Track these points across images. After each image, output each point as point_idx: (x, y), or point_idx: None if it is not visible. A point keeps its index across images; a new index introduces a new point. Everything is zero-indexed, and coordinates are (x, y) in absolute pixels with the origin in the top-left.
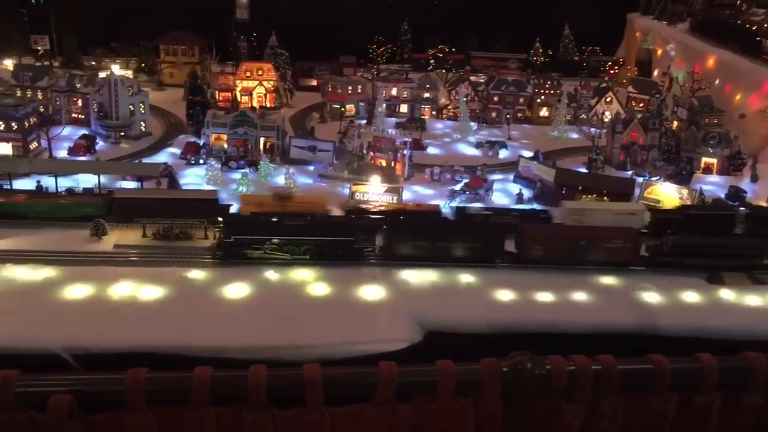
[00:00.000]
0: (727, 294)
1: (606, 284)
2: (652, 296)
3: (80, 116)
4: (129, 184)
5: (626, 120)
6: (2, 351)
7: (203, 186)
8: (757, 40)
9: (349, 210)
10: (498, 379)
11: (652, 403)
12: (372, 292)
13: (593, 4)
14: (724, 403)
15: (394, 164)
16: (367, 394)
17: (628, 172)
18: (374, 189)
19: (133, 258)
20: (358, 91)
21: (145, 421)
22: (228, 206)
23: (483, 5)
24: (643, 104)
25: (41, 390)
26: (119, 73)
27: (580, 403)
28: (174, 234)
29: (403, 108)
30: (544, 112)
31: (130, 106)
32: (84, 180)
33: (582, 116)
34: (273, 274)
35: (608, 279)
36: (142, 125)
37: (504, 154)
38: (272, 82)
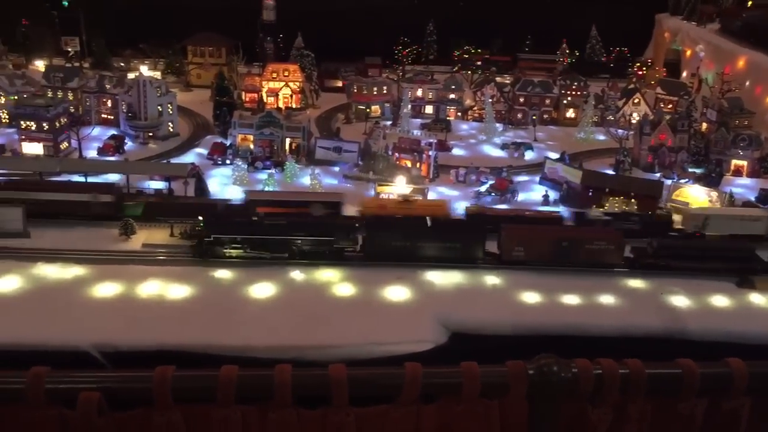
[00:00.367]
0: (757, 298)
1: (633, 287)
2: (681, 300)
3: (109, 117)
4: (156, 184)
5: (654, 121)
6: (33, 348)
7: (230, 186)
8: None
9: (472, 213)
10: (523, 382)
11: (680, 408)
12: (397, 293)
13: (621, 5)
14: (754, 409)
15: (419, 165)
16: (392, 395)
17: (656, 175)
18: (399, 190)
19: (161, 257)
20: (384, 92)
21: (172, 419)
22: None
23: (508, 6)
24: (672, 106)
25: (71, 387)
26: (147, 74)
27: (607, 407)
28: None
29: (429, 109)
30: (571, 114)
31: (159, 107)
32: (113, 179)
33: (609, 117)
34: (299, 275)
35: (635, 282)
36: (170, 126)
37: (530, 156)
38: (298, 83)
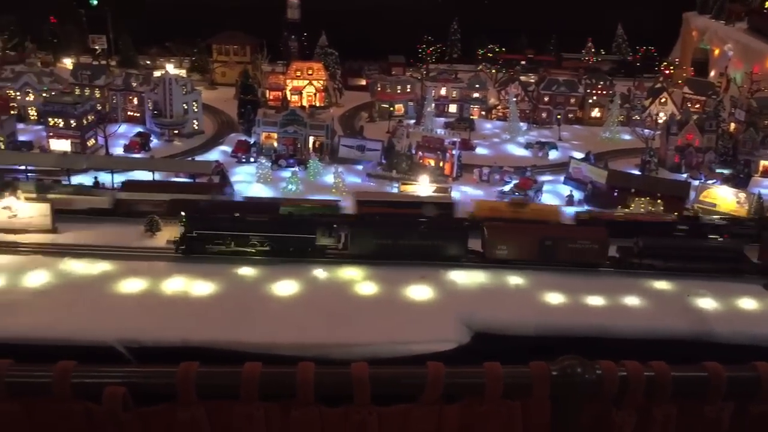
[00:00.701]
0: None
1: (659, 289)
2: (707, 302)
3: (135, 114)
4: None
5: (681, 121)
6: (60, 342)
7: (253, 183)
8: None
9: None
10: (547, 383)
11: (707, 412)
12: (420, 293)
13: (647, 3)
14: None
15: (443, 164)
16: (414, 394)
17: (683, 175)
18: (422, 188)
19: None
20: (407, 91)
21: (196, 415)
22: None
23: (533, 4)
24: (699, 105)
25: (96, 381)
26: (173, 72)
27: (631, 410)
28: None
29: (452, 108)
30: (596, 113)
31: (184, 105)
32: (139, 176)
33: (635, 117)
34: (322, 273)
35: (661, 284)
36: (195, 123)
37: (554, 155)
38: (322, 82)
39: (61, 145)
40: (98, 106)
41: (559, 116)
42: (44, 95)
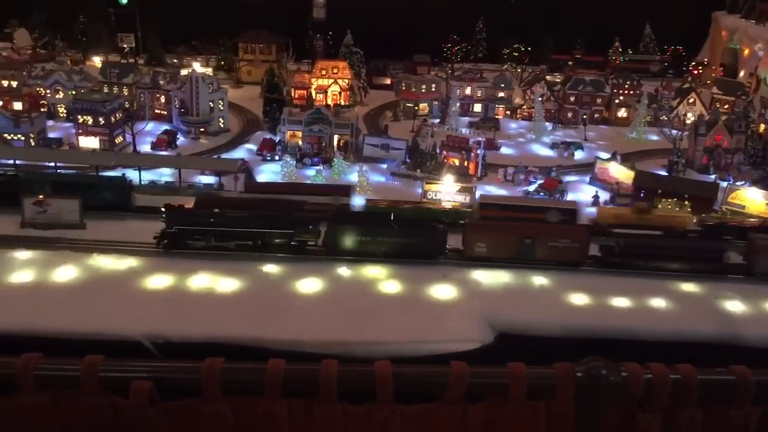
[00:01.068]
0: None
1: (686, 291)
2: (735, 305)
3: (162, 112)
4: (207, 179)
5: (710, 122)
6: (87, 336)
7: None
8: None
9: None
10: (571, 384)
11: (733, 416)
12: (443, 292)
13: (676, 3)
14: None
15: (467, 164)
16: (437, 394)
17: (711, 176)
18: (447, 188)
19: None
20: (432, 90)
21: (220, 410)
22: None
23: (560, 3)
24: (728, 106)
25: (123, 375)
26: (200, 71)
27: (657, 413)
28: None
29: (477, 107)
30: (623, 113)
31: (210, 103)
32: (165, 174)
33: (663, 117)
34: (345, 271)
35: (688, 286)
36: (221, 122)
37: (579, 156)
38: (347, 81)
39: (90, 143)
40: (126, 104)
41: (585, 116)
42: (74, 93)
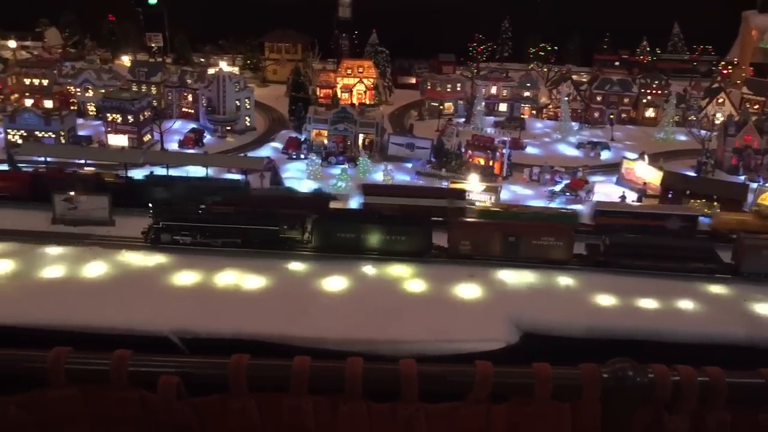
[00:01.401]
0: None
1: (715, 293)
2: (766, 308)
3: (190, 111)
4: (233, 177)
5: (740, 122)
6: (116, 331)
7: (304, 180)
8: None
9: None
10: (597, 385)
11: (761, 420)
12: (469, 291)
13: (705, 2)
14: None
15: (493, 163)
16: (462, 393)
17: (741, 177)
18: (472, 187)
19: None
20: (457, 90)
21: (247, 406)
22: None
23: (586, 2)
24: (759, 106)
25: (152, 370)
26: (226, 70)
27: (684, 416)
28: None
29: (503, 107)
30: (651, 113)
31: (237, 102)
32: (193, 172)
33: (691, 118)
34: (371, 269)
35: (717, 288)
36: (247, 120)
37: (606, 156)
38: (372, 80)
39: (119, 140)
40: (154, 103)
41: (612, 116)
42: (103, 91)
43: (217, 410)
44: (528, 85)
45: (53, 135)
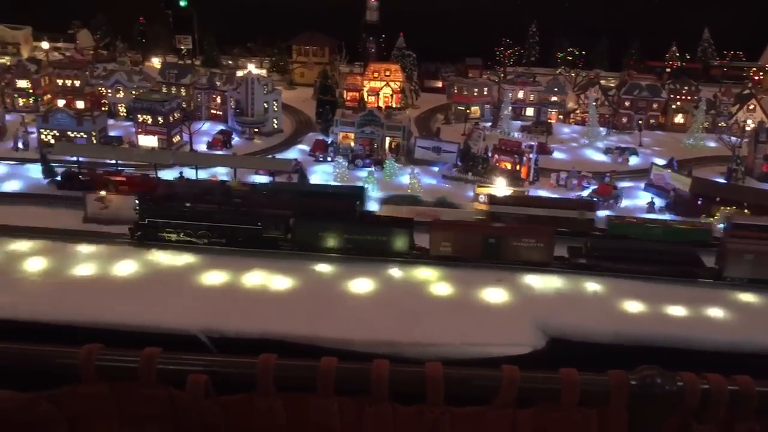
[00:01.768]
0: None
1: (745, 301)
2: None
3: (218, 112)
4: (261, 178)
5: None
6: (146, 329)
7: (330, 182)
8: None
9: None
10: (625, 392)
11: None
12: (496, 295)
13: (736, 6)
14: None
15: (519, 168)
16: (488, 397)
17: None
18: (499, 191)
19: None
20: (484, 94)
21: (273, 405)
22: None
23: (614, 7)
24: None
25: (180, 368)
26: (254, 72)
27: (713, 425)
28: None
29: (529, 111)
30: (680, 119)
31: (265, 104)
32: (221, 173)
33: (721, 124)
34: (397, 272)
35: (747, 296)
36: (275, 122)
37: (634, 161)
38: (399, 83)
39: (149, 141)
40: (184, 104)
41: (641, 121)
42: (134, 93)
43: (244, 409)
44: (555, 90)
45: (85, 135)
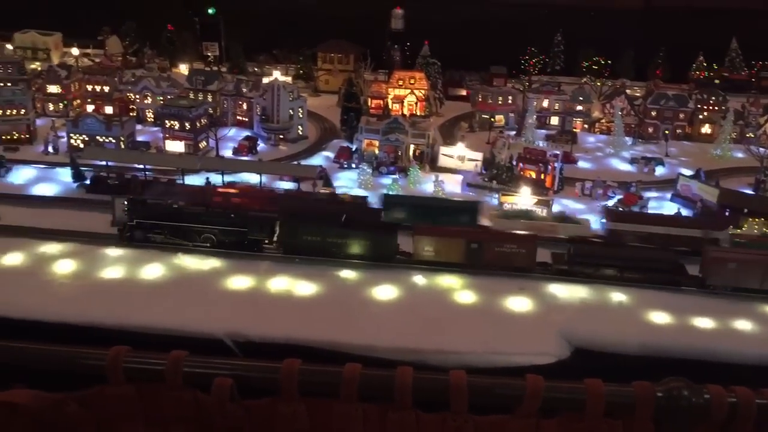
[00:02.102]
0: None
1: None
2: None
3: (244, 119)
4: (286, 185)
5: None
6: (172, 332)
7: (354, 190)
8: None
9: None
10: (651, 404)
11: None
12: (520, 304)
13: (763, 16)
14: None
15: (544, 176)
16: (511, 406)
17: None
18: (523, 200)
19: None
20: (508, 102)
21: (297, 410)
22: None
23: (640, 17)
24: None
25: (206, 372)
26: (280, 79)
27: None
28: None
29: (554, 120)
30: (707, 129)
31: (290, 111)
32: (246, 178)
33: (749, 134)
34: (421, 279)
35: None
36: (300, 129)
37: (660, 171)
38: (423, 91)
39: (176, 146)
40: (210, 110)
41: (667, 131)
42: (161, 99)
43: (268, 413)
44: (580, 99)
45: (113, 140)
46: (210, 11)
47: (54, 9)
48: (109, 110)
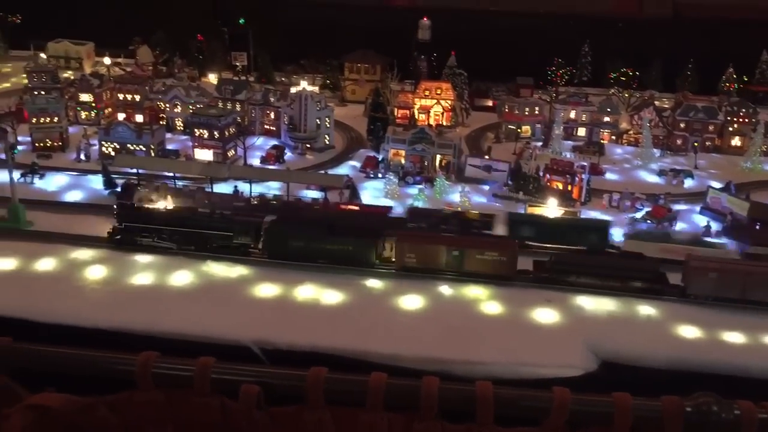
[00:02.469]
0: None
1: None
2: None
3: (272, 128)
4: (312, 194)
5: None
6: (200, 339)
7: (381, 199)
8: None
9: None
10: (680, 419)
11: None
12: (546, 316)
13: None
14: None
15: (571, 188)
16: (538, 418)
17: None
18: (550, 212)
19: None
20: (535, 113)
21: (323, 418)
22: None
23: (669, 27)
24: None
25: (233, 378)
26: (307, 89)
27: None
28: None
29: (581, 131)
30: (737, 142)
31: (317, 120)
32: (274, 187)
33: None
34: (447, 289)
35: None
36: (327, 138)
37: (689, 184)
38: (450, 102)
39: (205, 155)
40: (238, 120)
41: (696, 144)
42: (191, 108)
43: (293, 421)
44: (608, 110)
45: (144, 148)
46: (240, 21)
47: (87, 19)
48: (140, 119)
